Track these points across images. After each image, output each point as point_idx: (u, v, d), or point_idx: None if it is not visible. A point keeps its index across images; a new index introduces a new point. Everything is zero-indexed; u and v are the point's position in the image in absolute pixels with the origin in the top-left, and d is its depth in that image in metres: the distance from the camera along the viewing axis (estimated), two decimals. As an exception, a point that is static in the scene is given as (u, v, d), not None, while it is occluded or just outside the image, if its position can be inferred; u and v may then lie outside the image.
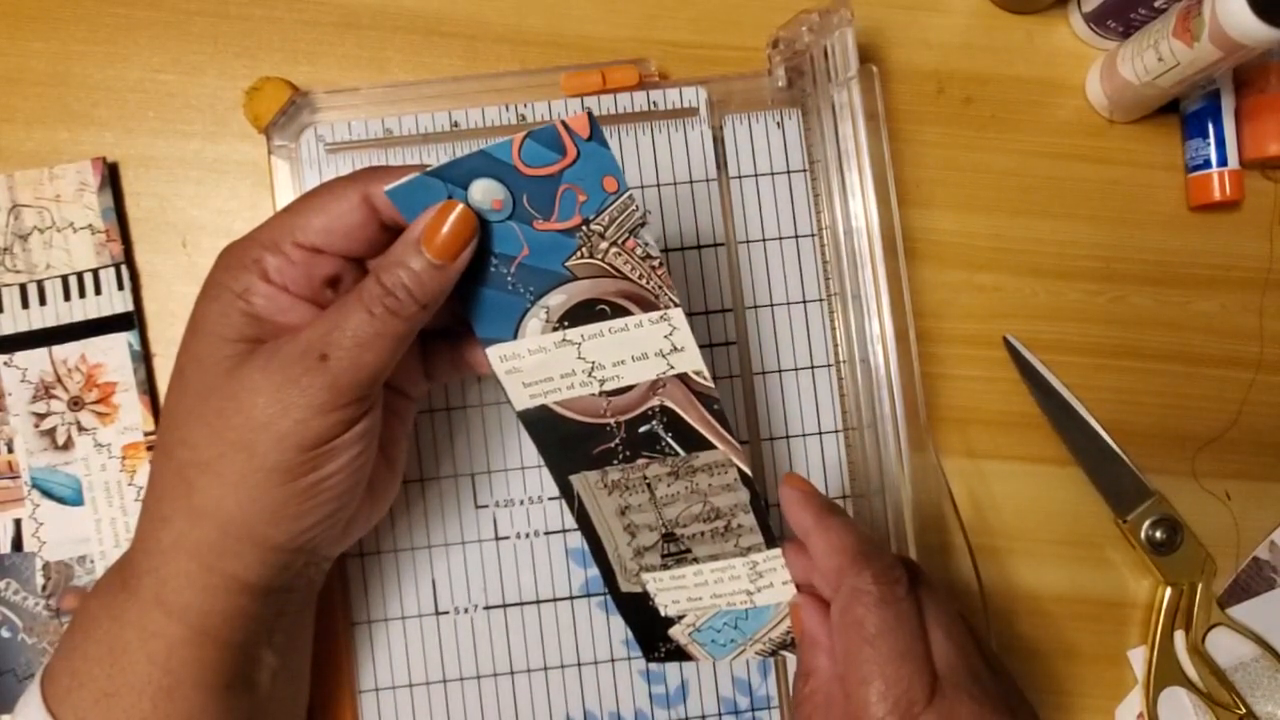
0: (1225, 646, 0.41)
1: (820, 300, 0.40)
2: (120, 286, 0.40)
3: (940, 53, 0.44)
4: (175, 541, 0.30)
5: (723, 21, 0.44)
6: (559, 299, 0.32)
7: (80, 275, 0.40)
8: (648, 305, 0.32)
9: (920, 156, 0.44)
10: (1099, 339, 0.44)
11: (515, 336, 0.33)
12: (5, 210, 0.40)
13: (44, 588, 0.39)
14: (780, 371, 0.40)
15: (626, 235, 0.31)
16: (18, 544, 0.40)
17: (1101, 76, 0.44)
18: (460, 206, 0.29)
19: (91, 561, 0.39)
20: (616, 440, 0.35)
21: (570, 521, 0.39)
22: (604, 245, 0.31)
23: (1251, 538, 0.43)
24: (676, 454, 0.34)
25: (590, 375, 0.33)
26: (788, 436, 0.40)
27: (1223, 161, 0.43)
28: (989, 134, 0.44)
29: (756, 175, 0.41)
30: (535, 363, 0.33)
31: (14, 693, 0.39)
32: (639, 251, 0.31)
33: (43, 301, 0.40)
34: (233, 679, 0.31)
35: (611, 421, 0.34)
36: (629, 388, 0.34)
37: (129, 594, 0.30)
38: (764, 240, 0.41)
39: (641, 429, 0.34)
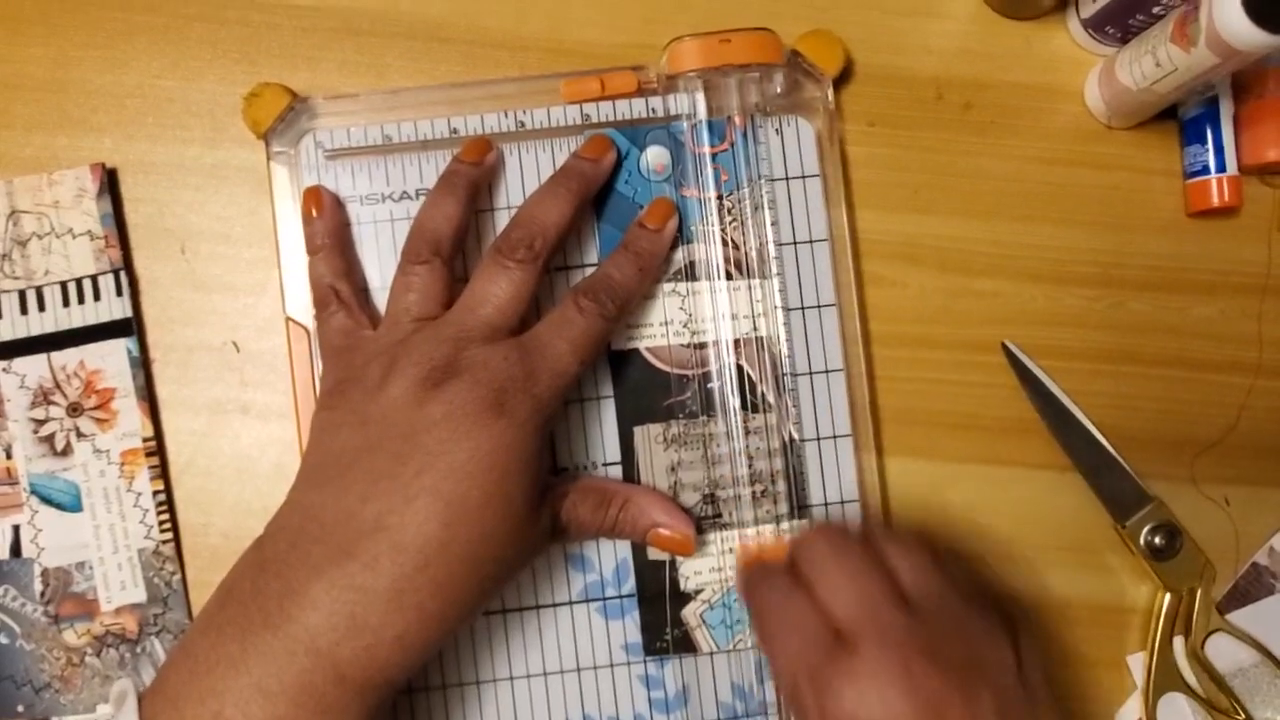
0: (1224, 652, 0.41)
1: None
2: (119, 292, 0.40)
3: (939, 59, 0.44)
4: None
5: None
6: (679, 254, 0.40)
7: (79, 281, 0.40)
8: (751, 274, 0.40)
9: (919, 162, 0.44)
10: (1097, 344, 0.44)
11: None
12: (4, 216, 0.40)
13: (42, 594, 0.39)
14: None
15: (750, 214, 0.40)
16: (16, 550, 0.40)
17: (1100, 82, 0.44)
18: None
19: (90, 568, 0.39)
20: (689, 393, 0.40)
21: (569, 527, 0.39)
22: (729, 219, 0.40)
23: (1251, 543, 0.43)
24: (736, 413, 0.39)
25: (685, 326, 0.39)
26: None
27: (1221, 167, 0.43)
28: (988, 140, 0.44)
29: (764, 179, 0.41)
30: (642, 307, 0.39)
31: (12, 700, 0.39)
32: (755, 229, 0.40)
33: (41, 307, 0.40)
34: None
35: (690, 373, 0.40)
36: (715, 343, 0.39)
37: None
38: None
39: (713, 385, 0.40)
